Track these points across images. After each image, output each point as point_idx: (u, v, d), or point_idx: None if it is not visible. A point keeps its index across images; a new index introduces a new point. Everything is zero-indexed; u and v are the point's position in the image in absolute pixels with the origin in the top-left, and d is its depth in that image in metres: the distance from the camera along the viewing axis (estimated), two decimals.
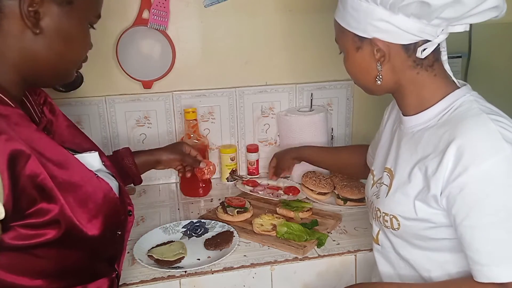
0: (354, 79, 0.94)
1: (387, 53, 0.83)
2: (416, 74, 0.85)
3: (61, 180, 0.69)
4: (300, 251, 1.14)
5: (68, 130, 0.82)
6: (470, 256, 0.78)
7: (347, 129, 1.74)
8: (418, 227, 0.85)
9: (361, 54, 0.86)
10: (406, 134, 0.91)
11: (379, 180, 0.97)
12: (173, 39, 1.52)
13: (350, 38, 0.87)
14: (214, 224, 1.29)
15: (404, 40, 0.82)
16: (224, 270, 1.09)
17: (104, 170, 0.84)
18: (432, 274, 0.88)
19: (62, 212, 0.68)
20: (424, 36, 0.81)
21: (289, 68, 1.64)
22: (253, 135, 1.68)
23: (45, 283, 0.72)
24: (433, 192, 0.80)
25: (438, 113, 0.85)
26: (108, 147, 1.57)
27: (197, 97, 1.59)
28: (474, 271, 0.78)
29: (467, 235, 0.77)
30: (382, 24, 0.81)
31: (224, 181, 1.63)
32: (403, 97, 0.89)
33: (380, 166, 0.99)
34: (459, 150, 0.76)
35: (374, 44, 0.83)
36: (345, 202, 1.40)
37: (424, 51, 0.82)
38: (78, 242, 0.73)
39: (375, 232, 0.98)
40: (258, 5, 1.55)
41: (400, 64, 0.85)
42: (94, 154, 0.81)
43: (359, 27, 0.84)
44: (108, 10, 1.46)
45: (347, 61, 0.91)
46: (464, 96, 0.84)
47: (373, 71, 0.87)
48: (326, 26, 1.61)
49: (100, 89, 1.53)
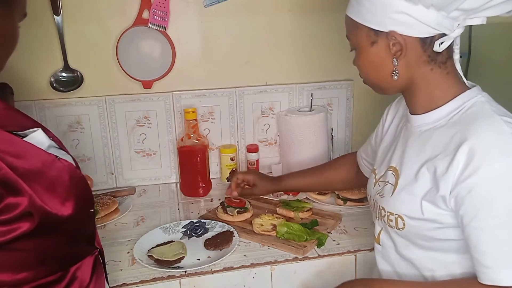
0: (365, 77, 0.92)
1: (404, 47, 0.82)
2: (430, 70, 0.85)
3: (23, 171, 0.68)
4: (300, 251, 1.14)
5: (6, 112, 0.78)
6: (475, 257, 0.77)
7: (347, 129, 1.74)
8: (424, 227, 0.84)
9: (376, 49, 0.85)
10: (413, 133, 0.90)
11: (381, 178, 0.97)
12: (173, 39, 1.52)
13: (364, 33, 0.85)
14: (214, 224, 1.29)
15: (422, 33, 0.81)
16: (224, 270, 1.09)
17: (54, 145, 0.81)
18: (436, 274, 0.88)
19: (32, 203, 0.68)
20: (442, 30, 0.80)
21: (289, 68, 1.64)
22: (253, 135, 1.68)
23: (29, 274, 0.72)
24: (442, 193, 0.80)
25: (449, 112, 0.84)
26: (108, 147, 1.57)
27: (197, 97, 1.59)
28: (479, 273, 0.77)
29: (474, 236, 0.77)
30: (400, 16, 0.80)
31: (224, 181, 1.63)
32: (414, 95, 0.88)
33: (383, 164, 0.99)
34: (471, 151, 0.75)
35: (391, 38, 0.82)
36: (345, 202, 1.40)
37: (441, 44, 0.81)
38: (55, 228, 0.72)
39: (377, 231, 0.97)
40: (258, 5, 1.55)
41: (415, 59, 0.84)
42: (38, 131, 0.78)
43: (375, 20, 0.82)
44: (108, 10, 1.47)
45: (360, 57, 0.89)
46: (476, 97, 0.83)
47: (388, 67, 0.85)
48: (326, 26, 1.63)
49: (100, 89, 1.53)
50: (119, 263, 1.13)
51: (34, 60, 1.45)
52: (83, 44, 1.48)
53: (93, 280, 0.82)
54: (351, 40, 0.90)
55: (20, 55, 1.41)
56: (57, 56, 1.46)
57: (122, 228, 1.32)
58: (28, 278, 0.72)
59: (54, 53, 1.45)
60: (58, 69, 1.47)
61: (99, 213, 1.33)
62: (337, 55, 1.65)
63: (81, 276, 0.80)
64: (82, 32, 1.46)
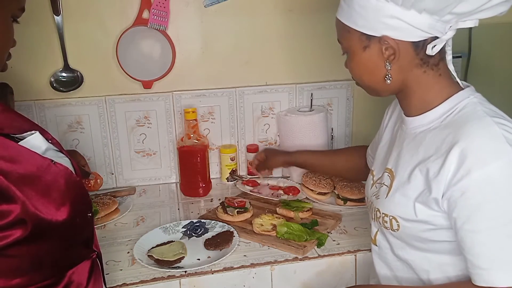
0: (358, 80, 0.92)
1: (397, 51, 0.82)
2: (423, 72, 0.85)
3: (17, 176, 0.67)
4: (300, 251, 1.14)
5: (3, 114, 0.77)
6: (469, 259, 0.77)
7: (347, 129, 1.74)
8: (418, 228, 0.85)
9: (368, 54, 0.85)
10: (408, 135, 0.90)
11: (378, 180, 0.97)
12: (173, 39, 1.52)
13: (356, 37, 0.85)
14: (214, 224, 1.29)
15: (414, 37, 0.81)
16: (224, 270, 1.09)
17: (52, 148, 0.80)
18: (431, 276, 0.88)
19: (25, 210, 0.67)
20: (434, 33, 0.80)
21: (289, 68, 1.64)
22: (253, 135, 1.68)
23: (23, 280, 0.71)
24: (434, 195, 0.80)
25: (441, 114, 0.84)
26: (108, 147, 1.57)
27: (197, 97, 1.59)
28: (473, 275, 0.77)
29: (467, 238, 0.77)
30: (392, 21, 0.79)
31: (224, 181, 1.63)
32: (407, 97, 0.89)
33: (381, 166, 0.99)
34: (463, 153, 0.75)
35: (383, 42, 0.82)
36: (345, 202, 1.40)
37: (434, 47, 0.81)
38: (49, 234, 0.71)
39: (373, 232, 0.98)
40: (258, 5, 1.55)
41: (408, 62, 0.84)
42: (35, 134, 0.77)
43: (367, 25, 0.82)
44: (108, 10, 1.47)
45: (352, 61, 0.89)
46: (468, 98, 0.83)
47: (380, 71, 0.85)
48: (326, 26, 1.62)
49: (100, 89, 1.53)
50: (119, 263, 1.13)
51: (34, 60, 1.45)
52: (83, 44, 1.48)
53: (90, 283, 0.81)
54: (343, 44, 0.90)
55: (20, 55, 1.41)
56: (57, 56, 1.46)
57: (122, 228, 1.32)
58: (22, 284, 0.71)
59: (54, 53, 1.46)
60: (58, 69, 1.47)
61: (99, 213, 1.33)
62: (337, 55, 1.62)
63: (77, 280, 0.79)
64: (82, 32, 1.46)
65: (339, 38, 0.90)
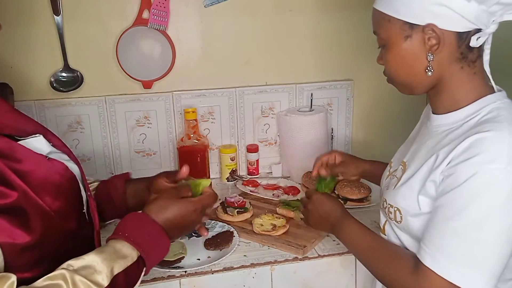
0: (394, 75, 0.88)
1: (442, 41, 0.79)
2: (460, 68, 0.82)
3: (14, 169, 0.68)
4: (300, 251, 1.14)
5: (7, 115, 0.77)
6: (431, 235, 0.77)
7: (347, 129, 1.74)
8: (420, 223, 0.84)
9: (410, 44, 0.82)
10: (430, 132, 0.89)
11: (394, 172, 0.97)
12: (173, 39, 1.52)
13: (397, 27, 0.81)
14: (214, 224, 1.29)
15: (460, 27, 0.78)
16: (224, 270, 1.10)
17: (55, 151, 0.80)
18: None
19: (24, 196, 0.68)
20: (479, 24, 0.78)
21: (289, 68, 1.64)
22: (253, 135, 1.68)
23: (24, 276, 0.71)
24: (433, 178, 0.79)
25: (466, 116, 0.82)
26: (108, 147, 1.57)
27: (197, 97, 1.59)
28: (424, 252, 0.77)
29: (438, 217, 0.76)
30: (439, 9, 0.77)
31: (224, 181, 1.63)
32: (438, 93, 0.86)
33: (399, 158, 0.99)
34: (471, 143, 0.75)
35: (427, 32, 0.79)
36: (345, 202, 1.40)
37: (478, 39, 0.79)
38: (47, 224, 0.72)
39: (382, 222, 0.98)
40: (258, 5, 1.56)
41: (449, 54, 0.81)
42: (39, 137, 0.78)
43: (411, 13, 0.79)
44: (108, 10, 1.47)
45: (390, 52, 0.85)
46: (495, 103, 0.81)
47: (420, 63, 0.82)
48: (326, 26, 1.63)
49: (100, 89, 1.53)
50: None
51: (34, 60, 1.45)
52: (83, 44, 1.48)
53: None
54: (380, 35, 0.86)
55: (20, 55, 1.41)
56: (57, 56, 1.46)
57: None
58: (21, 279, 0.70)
59: (54, 53, 1.45)
60: (58, 69, 1.47)
61: None
62: (337, 55, 1.65)
63: None
64: (82, 32, 1.46)
65: (377, 29, 0.87)
